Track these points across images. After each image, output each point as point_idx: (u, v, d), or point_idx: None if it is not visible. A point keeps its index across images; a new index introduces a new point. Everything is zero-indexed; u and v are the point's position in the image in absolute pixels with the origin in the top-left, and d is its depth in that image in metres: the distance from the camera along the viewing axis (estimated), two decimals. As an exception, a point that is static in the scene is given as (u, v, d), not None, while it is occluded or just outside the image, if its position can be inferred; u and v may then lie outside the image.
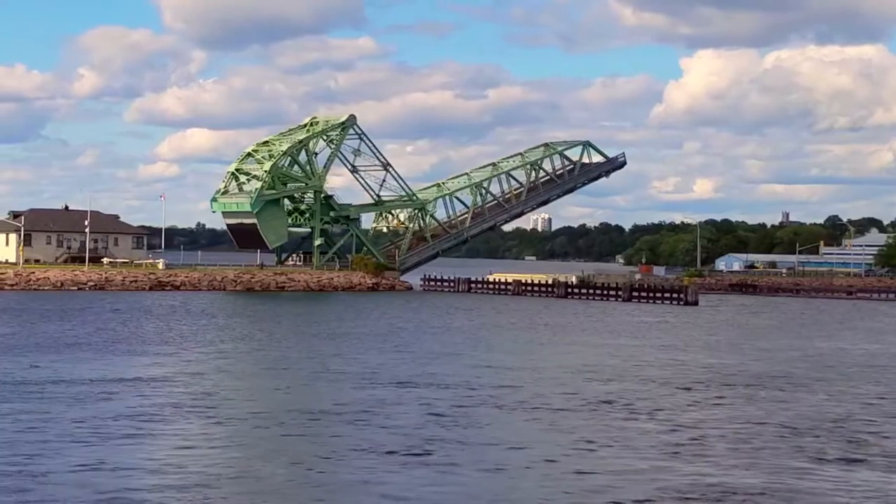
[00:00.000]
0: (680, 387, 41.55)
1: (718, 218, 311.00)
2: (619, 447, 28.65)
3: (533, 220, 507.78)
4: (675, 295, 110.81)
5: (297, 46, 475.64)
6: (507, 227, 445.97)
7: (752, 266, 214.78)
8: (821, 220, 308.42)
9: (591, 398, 37.58)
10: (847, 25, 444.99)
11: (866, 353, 58.79)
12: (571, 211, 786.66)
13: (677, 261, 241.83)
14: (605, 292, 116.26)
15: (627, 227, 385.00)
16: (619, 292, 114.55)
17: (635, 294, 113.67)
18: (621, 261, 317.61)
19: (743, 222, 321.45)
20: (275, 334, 61.60)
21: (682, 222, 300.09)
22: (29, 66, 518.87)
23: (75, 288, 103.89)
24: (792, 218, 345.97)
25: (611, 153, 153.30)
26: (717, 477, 25.17)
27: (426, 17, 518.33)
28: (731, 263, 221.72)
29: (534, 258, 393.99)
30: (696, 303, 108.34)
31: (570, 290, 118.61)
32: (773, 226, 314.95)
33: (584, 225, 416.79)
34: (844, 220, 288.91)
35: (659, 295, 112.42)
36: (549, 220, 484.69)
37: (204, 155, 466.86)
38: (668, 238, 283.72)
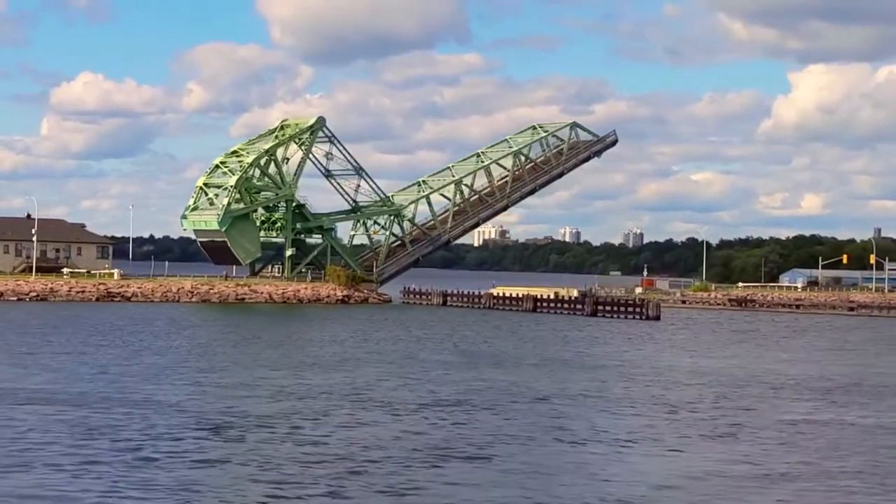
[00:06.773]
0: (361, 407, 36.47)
1: (816, 233, 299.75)
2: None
3: (623, 236, 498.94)
4: (637, 310, 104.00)
5: (404, 62, 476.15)
6: (596, 242, 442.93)
7: (814, 282, 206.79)
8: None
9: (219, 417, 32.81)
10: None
11: (696, 371, 52.17)
12: (676, 227, 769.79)
13: (748, 276, 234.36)
14: (573, 307, 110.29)
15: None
16: (584, 307, 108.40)
17: (599, 308, 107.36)
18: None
19: (832, 238, 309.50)
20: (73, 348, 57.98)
21: (771, 237, 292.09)
22: (139, 80, 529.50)
23: (15, 299, 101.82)
24: (888, 234, 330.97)
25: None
26: None
27: (532, 32, 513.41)
28: (794, 279, 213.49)
29: (619, 273, 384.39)
30: (657, 318, 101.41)
31: (538, 304, 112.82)
32: (861, 241, 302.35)
33: (670, 240, 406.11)
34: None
35: (622, 310, 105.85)
36: (641, 234, 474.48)
37: (309, 170, 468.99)
38: (741, 253, 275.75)
